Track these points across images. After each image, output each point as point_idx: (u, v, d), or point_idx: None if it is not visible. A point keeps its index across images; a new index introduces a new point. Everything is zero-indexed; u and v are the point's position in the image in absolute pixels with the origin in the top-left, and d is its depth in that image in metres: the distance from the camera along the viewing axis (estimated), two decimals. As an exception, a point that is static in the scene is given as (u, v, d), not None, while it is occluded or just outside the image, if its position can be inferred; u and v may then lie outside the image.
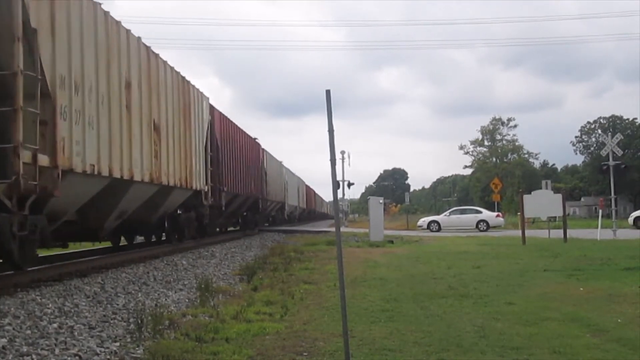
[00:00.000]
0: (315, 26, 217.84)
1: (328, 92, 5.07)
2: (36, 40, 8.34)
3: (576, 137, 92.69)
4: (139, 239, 17.79)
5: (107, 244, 15.63)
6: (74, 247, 14.21)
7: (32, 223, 8.69)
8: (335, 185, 5.11)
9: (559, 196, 21.72)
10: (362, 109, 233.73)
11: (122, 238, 16.29)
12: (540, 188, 26.66)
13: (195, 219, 18.28)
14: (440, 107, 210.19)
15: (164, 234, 17.58)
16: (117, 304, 8.13)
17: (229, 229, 29.45)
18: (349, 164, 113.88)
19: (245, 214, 29.29)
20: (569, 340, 5.80)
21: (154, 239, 17.82)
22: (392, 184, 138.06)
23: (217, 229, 24.51)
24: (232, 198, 23.13)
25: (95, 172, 10.23)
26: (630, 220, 31.50)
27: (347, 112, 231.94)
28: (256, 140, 30.57)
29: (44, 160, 8.56)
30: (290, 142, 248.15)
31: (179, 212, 17.04)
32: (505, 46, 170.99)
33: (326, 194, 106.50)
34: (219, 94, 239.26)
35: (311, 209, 70.63)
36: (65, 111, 9.20)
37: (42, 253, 12.85)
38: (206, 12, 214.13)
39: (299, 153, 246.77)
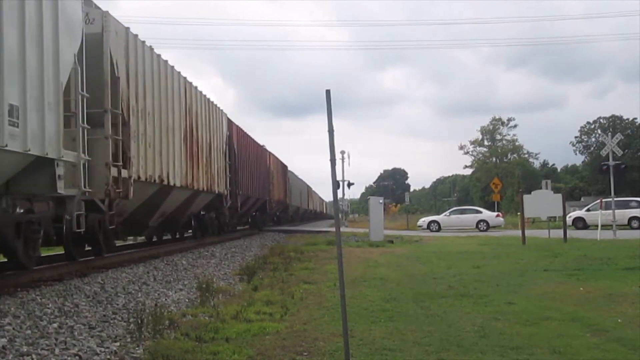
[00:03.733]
0: (319, 26, 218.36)
1: (328, 92, 5.07)
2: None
3: (576, 137, 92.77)
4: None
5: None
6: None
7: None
8: (335, 185, 5.11)
9: (559, 196, 21.71)
10: (363, 109, 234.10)
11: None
12: (540, 188, 26.67)
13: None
14: (442, 107, 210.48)
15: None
16: (117, 304, 8.13)
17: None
18: (349, 164, 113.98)
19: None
20: (569, 340, 5.80)
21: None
22: (392, 184, 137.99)
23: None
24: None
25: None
26: (569, 220, 30.12)
27: (348, 112, 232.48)
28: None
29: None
30: (292, 142, 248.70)
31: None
32: (508, 46, 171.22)
33: (326, 194, 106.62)
34: (223, 94, 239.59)
35: (315, 210, 75.75)
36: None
37: (44, 252, 12.87)
38: (210, 12, 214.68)
39: (300, 153, 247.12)
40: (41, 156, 8.23)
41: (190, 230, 20.66)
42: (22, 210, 9.32)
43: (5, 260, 9.94)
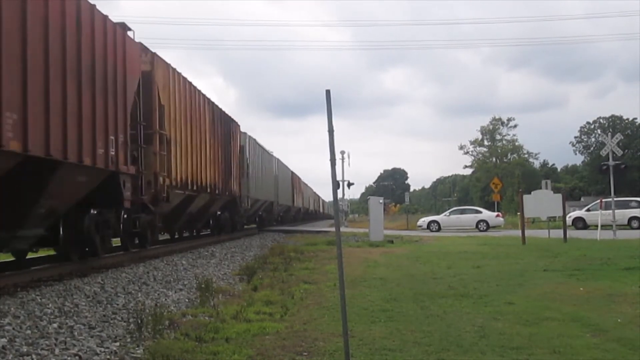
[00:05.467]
0: (320, 26, 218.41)
1: (328, 92, 5.07)
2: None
3: (576, 137, 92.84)
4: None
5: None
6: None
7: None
8: (335, 185, 5.11)
9: (559, 196, 21.71)
10: (364, 109, 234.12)
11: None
12: (540, 188, 26.66)
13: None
14: (443, 107, 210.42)
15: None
16: (117, 304, 8.13)
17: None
18: (349, 164, 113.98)
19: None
20: (569, 340, 5.80)
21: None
22: (392, 184, 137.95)
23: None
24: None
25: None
26: (569, 220, 29.98)
27: (349, 112, 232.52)
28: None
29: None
30: (293, 142, 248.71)
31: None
32: (509, 46, 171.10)
33: (326, 194, 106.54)
34: (224, 94, 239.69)
35: (318, 211, 76.72)
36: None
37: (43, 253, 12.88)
38: (211, 12, 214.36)
39: (301, 153, 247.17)
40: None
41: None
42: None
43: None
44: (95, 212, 11.52)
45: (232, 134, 24.07)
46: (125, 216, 12.76)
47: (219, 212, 23.49)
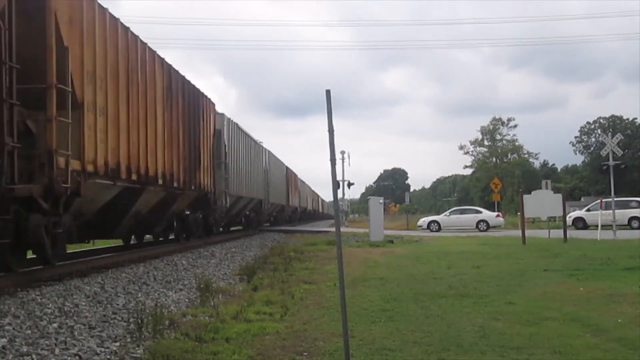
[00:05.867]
0: (321, 26, 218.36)
1: (328, 92, 5.07)
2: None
3: (576, 137, 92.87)
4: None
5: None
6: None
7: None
8: (335, 185, 5.11)
9: (559, 196, 21.71)
10: (364, 109, 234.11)
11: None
12: (540, 188, 26.66)
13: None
14: (443, 107, 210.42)
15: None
16: (117, 304, 8.13)
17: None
18: (349, 164, 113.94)
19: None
20: (569, 340, 5.80)
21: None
22: (392, 184, 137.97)
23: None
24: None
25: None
26: (569, 221, 29.88)
27: (349, 112, 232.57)
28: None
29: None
30: (293, 142, 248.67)
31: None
32: (510, 46, 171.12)
33: (326, 194, 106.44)
34: (224, 93, 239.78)
35: (317, 211, 75.38)
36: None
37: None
38: (211, 12, 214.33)
39: (301, 153, 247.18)
40: None
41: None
42: None
43: None
44: None
45: (202, 112, 18.82)
46: None
47: (187, 212, 18.92)
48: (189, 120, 17.17)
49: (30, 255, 9.74)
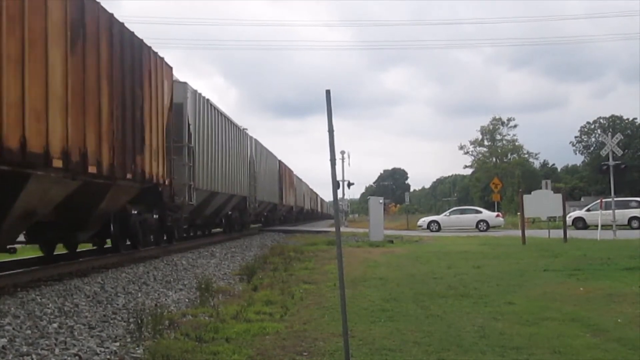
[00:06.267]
0: (321, 26, 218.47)
1: (328, 92, 5.07)
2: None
3: (576, 137, 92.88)
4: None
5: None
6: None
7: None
8: (335, 185, 5.11)
9: (559, 196, 21.71)
10: (364, 109, 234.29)
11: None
12: (540, 188, 26.66)
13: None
14: (443, 107, 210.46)
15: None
16: (117, 304, 8.13)
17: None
18: (349, 164, 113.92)
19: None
20: (569, 340, 5.80)
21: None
22: (392, 184, 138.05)
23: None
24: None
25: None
26: (569, 220, 29.94)
27: (349, 112, 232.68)
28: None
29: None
30: (294, 142, 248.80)
31: (134, 212, 14.02)
32: (510, 46, 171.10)
33: (326, 194, 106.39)
34: (225, 93, 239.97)
35: (315, 211, 73.50)
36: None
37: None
38: (211, 12, 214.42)
39: (301, 153, 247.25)
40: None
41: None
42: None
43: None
44: None
45: (148, 74, 13.15)
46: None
47: (134, 212, 13.77)
48: (123, 81, 11.65)
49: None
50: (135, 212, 13.88)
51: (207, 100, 19.54)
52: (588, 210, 33.01)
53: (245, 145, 27.05)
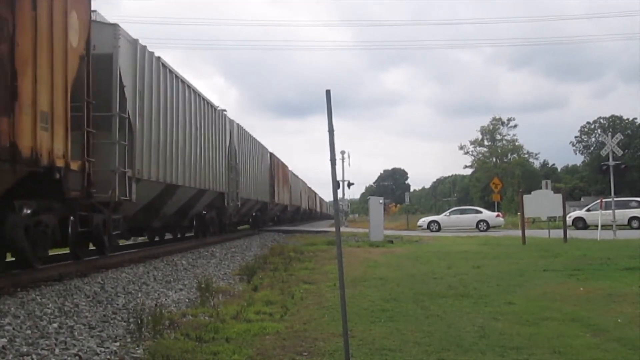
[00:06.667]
0: (321, 26, 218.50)
1: (328, 92, 5.07)
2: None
3: (576, 137, 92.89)
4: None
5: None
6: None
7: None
8: (335, 185, 5.11)
9: (559, 196, 21.70)
10: (364, 109, 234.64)
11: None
12: (540, 188, 26.66)
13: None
14: (443, 107, 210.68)
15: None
16: (117, 304, 8.13)
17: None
18: (349, 164, 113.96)
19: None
20: (569, 340, 5.80)
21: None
22: (392, 184, 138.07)
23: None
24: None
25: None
26: (569, 220, 29.90)
27: (350, 113, 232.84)
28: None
29: None
30: (294, 142, 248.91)
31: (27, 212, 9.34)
32: (511, 46, 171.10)
33: (326, 194, 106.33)
34: (225, 94, 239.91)
35: (314, 211, 72.02)
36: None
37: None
38: (211, 12, 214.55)
39: (301, 153, 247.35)
40: None
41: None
42: None
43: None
44: None
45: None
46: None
47: (28, 211, 8.97)
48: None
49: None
50: (26, 210, 9.01)
51: (159, 58, 14.45)
52: (588, 210, 33.02)
53: (222, 129, 21.70)
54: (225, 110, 22.23)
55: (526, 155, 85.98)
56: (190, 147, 17.00)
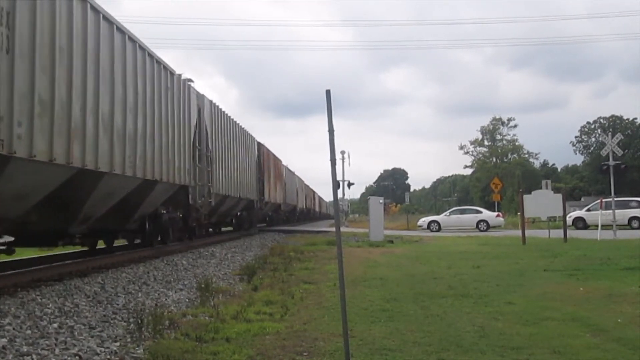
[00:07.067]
0: (322, 26, 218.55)
1: (328, 92, 5.07)
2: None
3: (576, 137, 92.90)
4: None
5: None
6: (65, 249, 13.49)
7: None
8: (335, 185, 5.11)
9: (559, 196, 21.71)
10: (365, 109, 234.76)
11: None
12: (540, 188, 26.66)
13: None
14: (444, 107, 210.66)
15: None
16: (117, 304, 8.13)
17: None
18: (349, 164, 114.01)
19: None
20: (569, 340, 5.80)
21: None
22: (392, 184, 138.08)
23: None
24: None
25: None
26: (569, 220, 29.94)
27: (350, 113, 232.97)
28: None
29: None
30: (294, 142, 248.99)
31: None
32: (511, 46, 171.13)
33: (326, 194, 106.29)
34: (225, 94, 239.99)
35: (312, 210, 69.10)
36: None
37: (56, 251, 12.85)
38: (212, 12, 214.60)
39: (302, 153, 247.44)
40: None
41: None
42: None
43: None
44: None
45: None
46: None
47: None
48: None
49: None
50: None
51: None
52: (588, 210, 33.03)
53: (184, 102, 16.14)
54: (191, 80, 17.05)
55: (526, 155, 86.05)
56: (125, 118, 11.56)
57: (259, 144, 30.49)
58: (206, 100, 18.95)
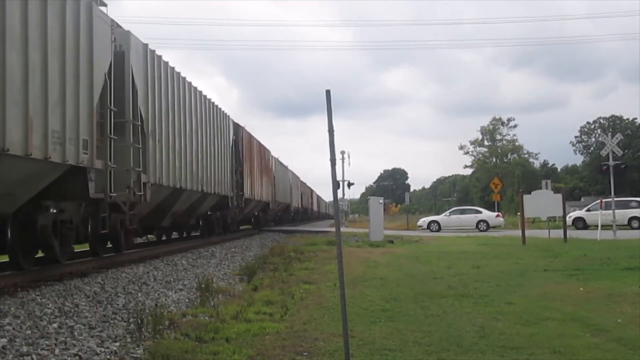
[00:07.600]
0: (323, 26, 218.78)
1: (328, 92, 5.07)
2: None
3: (576, 137, 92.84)
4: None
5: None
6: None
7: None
8: (335, 185, 5.11)
9: (559, 196, 21.70)
10: (365, 109, 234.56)
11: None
12: (540, 188, 26.66)
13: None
14: (444, 107, 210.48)
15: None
16: (117, 304, 8.13)
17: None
18: (349, 164, 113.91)
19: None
20: (569, 340, 5.80)
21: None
22: (392, 184, 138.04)
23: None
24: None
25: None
26: (569, 221, 29.95)
27: (350, 113, 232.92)
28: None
29: None
30: (294, 142, 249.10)
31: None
32: (512, 46, 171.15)
33: (326, 194, 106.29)
34: (226, 94, 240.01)
35: (310, 210, 68.82)
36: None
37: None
38: (213, 12, 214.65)
39: (302, 153, 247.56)
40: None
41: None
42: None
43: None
44: None
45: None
46: None
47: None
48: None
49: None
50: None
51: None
52: (588, 210, 33.03)
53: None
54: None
55: (526, 155, 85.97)
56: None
57: (236, 125, 23.99)
58: (134, 40, 12.65)
